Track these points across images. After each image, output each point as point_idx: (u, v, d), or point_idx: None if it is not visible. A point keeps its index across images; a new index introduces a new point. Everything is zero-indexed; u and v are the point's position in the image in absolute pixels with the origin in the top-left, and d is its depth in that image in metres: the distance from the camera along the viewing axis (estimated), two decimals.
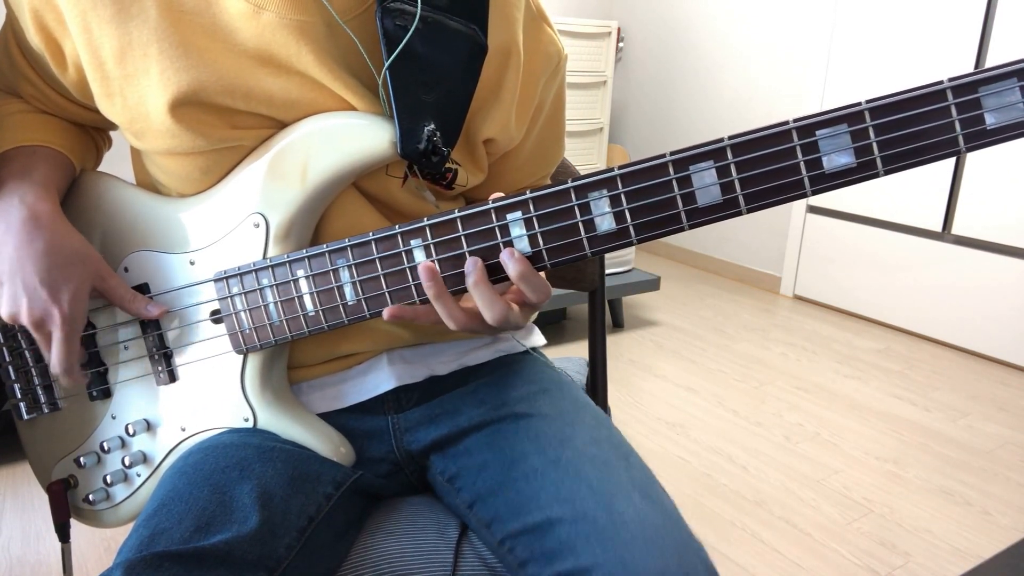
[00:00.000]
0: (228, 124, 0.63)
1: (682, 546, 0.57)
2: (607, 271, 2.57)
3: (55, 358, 0.65)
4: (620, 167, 0.55)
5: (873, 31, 2.72)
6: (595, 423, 0.71)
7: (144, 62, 0.60)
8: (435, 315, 0.61)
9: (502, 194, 0.58)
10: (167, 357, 0.69)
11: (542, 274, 0.61)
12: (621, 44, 3.75)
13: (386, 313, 0.60)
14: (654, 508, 0.60)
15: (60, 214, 0.66)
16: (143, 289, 0.69)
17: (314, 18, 0.61)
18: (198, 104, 0.61)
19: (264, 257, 0.65)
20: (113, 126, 0.74)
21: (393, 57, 0.60)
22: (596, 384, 1.00)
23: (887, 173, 0.50)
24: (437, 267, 0.58)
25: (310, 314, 0.64)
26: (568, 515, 0.59)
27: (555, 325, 2.70)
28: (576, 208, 0.56)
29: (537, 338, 0.84)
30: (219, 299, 0.66)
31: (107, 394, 0.72)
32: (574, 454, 0.65)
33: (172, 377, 0.70)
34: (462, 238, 0.58)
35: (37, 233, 0.63)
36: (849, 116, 0.50)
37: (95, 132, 0.78)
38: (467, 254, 0.59)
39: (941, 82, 0.48)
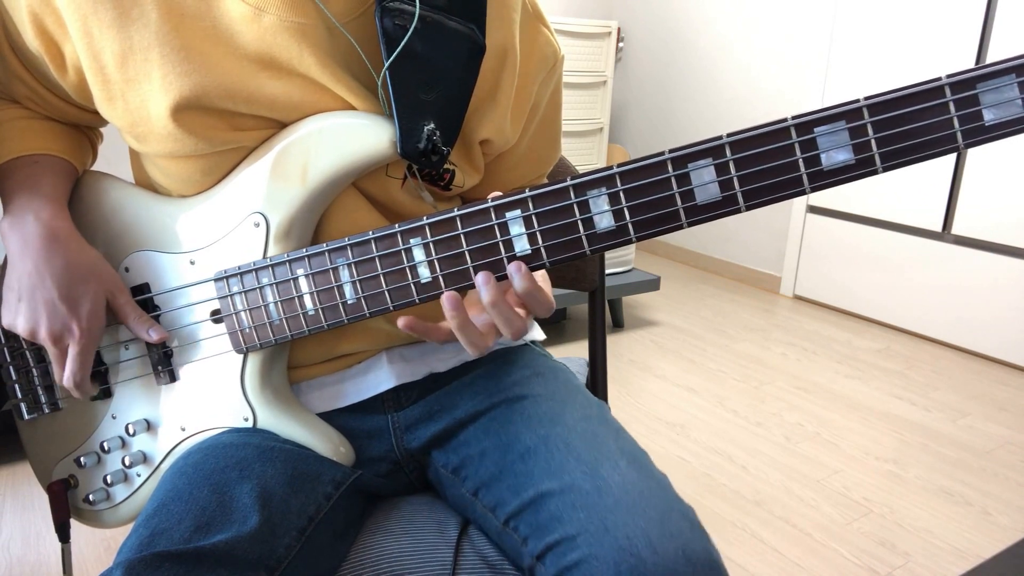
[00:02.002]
0: (230, 127, 0.63)
1: (666, 507, 0.58)
2: (607, 271, 2.57)
3: (68, 370, 0.66)
4: (619, 165, 0.55)
5: (873, 31, 2.72)
6: (586, 402, 0.72)
7: (145, 67, 0.60)
8: (445, 335, 0.61)
9: (501, 193, 0.58)
10: (167, 356, 0.69)
11: (547, 290, 0.61)
12: (621, 44, 3.76)
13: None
14: (640, 473, 0.61)
15: (75, 230, 0.67)
16: (143, 289, 0.69)
17: (315, 20, 0.61)
18: (200, 109, 0.61)
19: (264, 256, 0.65)
20: (105, 123, 0.74)
21: (393, 57, 0.60)
22: (596, 384, 1.00)
23: (886, 170, 0.50)
24: (457, 294, 0.57)
25: (310, 313, 0.64)
26: (557, 487, 0.60)
27: (555, 325, 2.70)
28: (575, 206, 0.56)
29: (536, 333, 0.84)
30: (219, 298, 0.66)
31: (107, 394, 0.72)
32: (564, 429, 0.66)
33: (172, 377, 0.70)
34: (461, 236, 0.58)
35: (56, 250, 0.64)
36: (847, 113, 0.50)
37: (88, 131, 0.78)
38: (470, 266, 0.58)
39: (939, 78, 0.48)
